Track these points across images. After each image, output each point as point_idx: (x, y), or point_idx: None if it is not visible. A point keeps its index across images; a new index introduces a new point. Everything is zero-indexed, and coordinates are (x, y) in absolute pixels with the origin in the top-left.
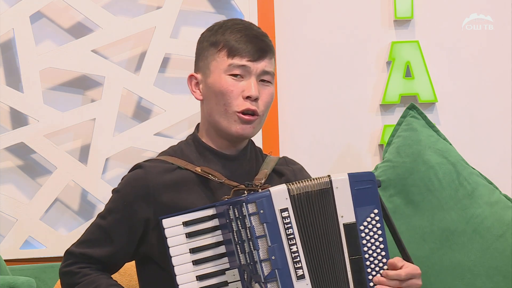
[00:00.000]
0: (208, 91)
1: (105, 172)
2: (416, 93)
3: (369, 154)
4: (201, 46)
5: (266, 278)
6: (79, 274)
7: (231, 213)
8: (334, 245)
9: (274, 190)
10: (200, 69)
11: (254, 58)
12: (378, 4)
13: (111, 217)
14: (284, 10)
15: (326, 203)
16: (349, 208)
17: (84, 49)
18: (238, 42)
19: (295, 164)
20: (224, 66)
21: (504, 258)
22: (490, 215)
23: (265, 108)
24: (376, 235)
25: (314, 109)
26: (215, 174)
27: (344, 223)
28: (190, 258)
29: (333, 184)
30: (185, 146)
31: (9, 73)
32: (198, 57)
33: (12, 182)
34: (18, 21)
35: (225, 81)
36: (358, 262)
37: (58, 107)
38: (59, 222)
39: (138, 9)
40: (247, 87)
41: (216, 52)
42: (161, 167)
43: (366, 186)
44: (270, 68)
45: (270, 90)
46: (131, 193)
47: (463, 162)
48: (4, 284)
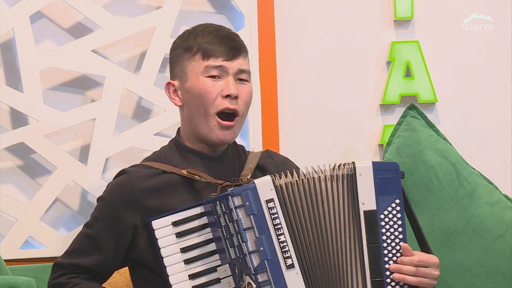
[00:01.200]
0: (187, 95)
1: (105, 172)
2: (416, 93)
3: (369, 154)
4: (175, 54)
5: (256, 270)
6: (69, 285)
7: (218, 208)
8: (335, 231)
9: (258, 181)
10: (176, 75)
11: (229, 57)
12: (378, 4)
13: (98, 225)
14: (284, 10)
15: (328, 190)
16: (371, 195)
17: (84, 49)
18: (211, 43)
19: (279, 156)
20: (201, 69)
21: (504, 258)
22: (490, 215)
23: (245, 107)
24: (396, 225)
25: (314, 109)
26: (201, 175)
27: (365, 210)
28: (182, 258)
29: (356, 171)
30: (168, 151)
31: (9, 73)
32: (173, 64)
33: (12, 182)
34: (18, 21)
35: (203, 83)
36: (376, 250)
37: (58, 107)
38: (59, 222)
39: (138, 9)
40: (225, 86)
41: (191, 57)
42: (146, 172)
43: (390, 175)
44: (245, 66)
45: (248, 88)
46: (117, 199)
47: (463, 162)
48: (4, 284)
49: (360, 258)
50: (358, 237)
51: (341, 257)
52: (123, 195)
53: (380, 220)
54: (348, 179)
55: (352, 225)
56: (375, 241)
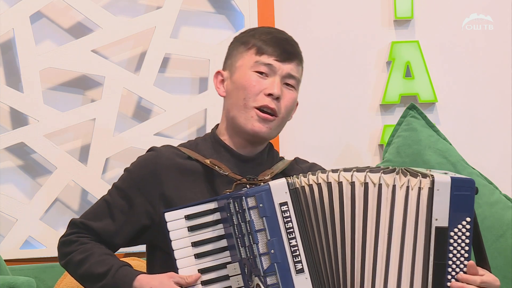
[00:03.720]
0: (232, 86)
1: (105, 172)
2: (416, 93)
3: (369, 154)
4: (232, 46)
5: (265, 272)
6: (77, 243)
7: (232, 207)
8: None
9: (273, 183)
10: (227, 66)
11: (281, 58)
12: (378, 4)
13: (116, 193)
14: (284, 10)
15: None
16: (445, 212)
17: (84, 49)
18: (267, 42)
19: (305, 163)
20: (251, 63)
21: (504, 258)
22: (490, 215)
23: (286, 112)
24: (464, 243)
25: (314, 109)
26: (221, 167)
27: (437, 226)
28: (192, 252)
29: (435, 185)
30: (202, 141)
31: (9, 73)
32: (228, 55)
33: (12, 182)
34: (18, 21)
35: (249, 76)
36: (441, 268)
37: (58, 107)
38: (59, 222)
39: (138, 9)
40: (270, 85)
41: (245, 50)
42: (173, 152)
43: (465, 192)
44: (296, 73)
45: (293, 95)
46: (139, 174)
47: (463, 162)
48: (4, 284)
49: (423, 274)
50: (425, 253)
51: (362, 266)
52: (146, 170)
53: (449, 238)
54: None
55: (415, 238)
56: (442, 259)
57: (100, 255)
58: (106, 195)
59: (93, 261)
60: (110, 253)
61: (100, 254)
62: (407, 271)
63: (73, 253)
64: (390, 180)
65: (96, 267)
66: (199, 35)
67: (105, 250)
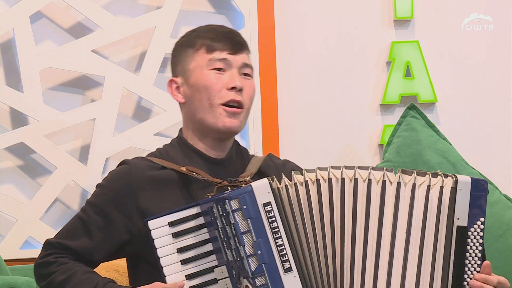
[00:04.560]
0: (191, 90)
1: (105, 172)
2: (416, 93)
3: (369, 154)
4: (177, 53)
5: (253, 273)
6: (56, 263)
7: (215, 210)
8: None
9: (255, 184)
10: (179, 73)
11: (233, 51)
12: (378, 4)
13: (92, 210)
14: (284, 10)
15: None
16: (465, 211)
17: (84, 49)
18: (215, 38)
19: (278, 159)
20: (205, 62)
21: (504, 258)
22: (490, 215)
23: (249, 101)
24: (478, 243)
25: (314, 109)
26: (199, 172)
27: (458, 225)
28: (178, 258)
29: (458, 185)
30: (171, 148)
31: (9, 73)
32: (175, 62)
33: (12, 182)
34: (18, 21)
35: (207, 75)
36: (461, 267)
37: (58, 107)
38: (59, 222)
39: (138, 9)
40: (230, 79)
41: (194, 52)
42: (146, 165)
43: (482, 193)
44: (248, 61)
45: (252, 83)
46: (114, 188)
47: (463, 162)
48: (4, 284)
49: (443, 273)
50: (446, 252)
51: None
52: (120, 184)
53: (467, 237)
54: (441, 191)
55: (436, 237)
56: (462, 258)
57: (82, 274)
58: (80, 212)
59: (76, 281)
60: (91, 270)
61: (82, 273)
62: (427, 270)
63: (54, 274)
64: (407, 179)
65: (80, 287)
66: None
67: (86, 268)
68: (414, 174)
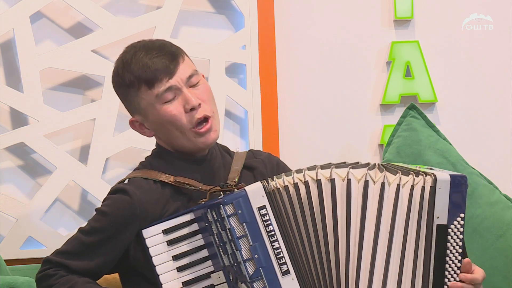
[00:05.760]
0: (155, 125)
1: (105, 172)
2: (416, 93)
3: (369, 154)
4: (120, 93)
5: (251, 278)
6: (56, 276)
7: (210, 216)
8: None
9: (249, 189)
10: (135, 112)
11: (170, 74)
12: (378, 4)
13: (96, 236)
14: (284, 10)
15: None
16: (445, 209)
17: (84, 49)
18: (147, 69)
19: (262, 153)
20: (153, 99)
21: (504, 258)
22: (490, 215)
23: (212, 105)
24: (458, 239)
25: (314, 109)
26: (190, 183)
27: (438, 224)
28: (174, 265)
29: (437, 184)
30: (153, 159)
31: (9, 73)
32: (125, 102)
33: (12, 182)
34: (18, 21)
35: (164, 110)
36: (442, 265)
37: (58, 107)
38: (59, 222)
39: (138, 9)
40: (184, 101)
41: (137, 91)
42: (142, 188)
43: (461, 189)
44: (190, 70)
45: (204, 87)
46: (118, 216)
47: (463, 162)
48: (4, 284)
49: (424, 272)
50: (426, 251)
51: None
52: (125, 212)
53: (447, 234)
54: (422, 190)
55: (418, 236)
56: (443, 256)
57: (83, 284)
58: (83, 235)
59: None
60: (92, 281)
61: (83, 283)
62: (408, 270)
63: (54, 286)
64: (391, 179)
65: None
66: (199, 35)
67: (87, 279)
68: (399, 174)
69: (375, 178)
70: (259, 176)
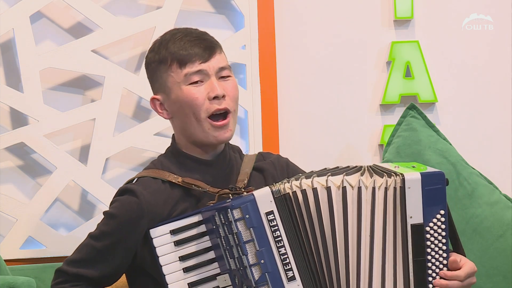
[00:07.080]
0: (175, 107)
1: (105, 172)
2: (416, 93)
3: (369, 154)
4: (151, 69)
5: (257, 283)
6: (70, 283)
7: (217, 219)
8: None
9: (258, 194)
10: (158, 90)
11: (204, 58)
12: (378, 4)
13: (107, 240)
14: (284, 10)
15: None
16: (419, 208)
17: (84, 49)
18: (183, 49)
19: (271, 155)
20: (181, 78)
21: (504, 258)
22: (490, 215)
23: (235, 103)
24: (440, 236)
25: (314, 109)
26: (198, 184)
27: (412, 223)
28: (180, 266)
29: (406, 184)
30: (164, 158)
31: (9, 73)
32: (152, 79)
33: (12, 182)
34: (18, 21)
35: (188, 91)
36: (421, 264)
37: (58, 107)
38: (59, 222)
39: (138, 9)
40: (210, 88)
41: (167, 68)
42: (150, 189)
43: (436, 186)
44: (224, 62)
45: (233, 83)
46: (128, 218)
47: (463, 162)
48: (4, 284)
49: (404, 273)
50: (404, 252)
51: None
52: (133, 213)
53: (426, 233)
54: (394, 191)
55: (395, 238)
56: (421, 255)
57: None
58: (93, 241)
59: None
60: None
61: None
62: (390, 271)
63: None
64: (367, 182)
65: None
66: None
67: None
68: (374, 176)
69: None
70: (269, 178)
